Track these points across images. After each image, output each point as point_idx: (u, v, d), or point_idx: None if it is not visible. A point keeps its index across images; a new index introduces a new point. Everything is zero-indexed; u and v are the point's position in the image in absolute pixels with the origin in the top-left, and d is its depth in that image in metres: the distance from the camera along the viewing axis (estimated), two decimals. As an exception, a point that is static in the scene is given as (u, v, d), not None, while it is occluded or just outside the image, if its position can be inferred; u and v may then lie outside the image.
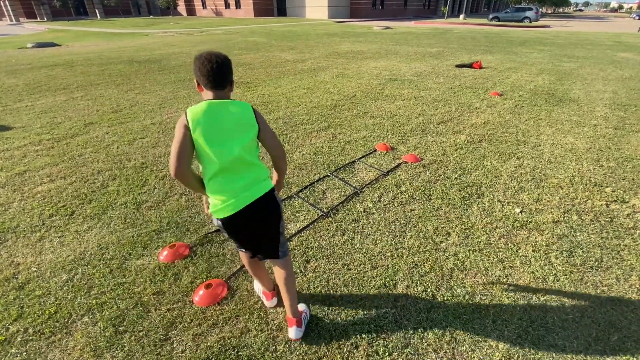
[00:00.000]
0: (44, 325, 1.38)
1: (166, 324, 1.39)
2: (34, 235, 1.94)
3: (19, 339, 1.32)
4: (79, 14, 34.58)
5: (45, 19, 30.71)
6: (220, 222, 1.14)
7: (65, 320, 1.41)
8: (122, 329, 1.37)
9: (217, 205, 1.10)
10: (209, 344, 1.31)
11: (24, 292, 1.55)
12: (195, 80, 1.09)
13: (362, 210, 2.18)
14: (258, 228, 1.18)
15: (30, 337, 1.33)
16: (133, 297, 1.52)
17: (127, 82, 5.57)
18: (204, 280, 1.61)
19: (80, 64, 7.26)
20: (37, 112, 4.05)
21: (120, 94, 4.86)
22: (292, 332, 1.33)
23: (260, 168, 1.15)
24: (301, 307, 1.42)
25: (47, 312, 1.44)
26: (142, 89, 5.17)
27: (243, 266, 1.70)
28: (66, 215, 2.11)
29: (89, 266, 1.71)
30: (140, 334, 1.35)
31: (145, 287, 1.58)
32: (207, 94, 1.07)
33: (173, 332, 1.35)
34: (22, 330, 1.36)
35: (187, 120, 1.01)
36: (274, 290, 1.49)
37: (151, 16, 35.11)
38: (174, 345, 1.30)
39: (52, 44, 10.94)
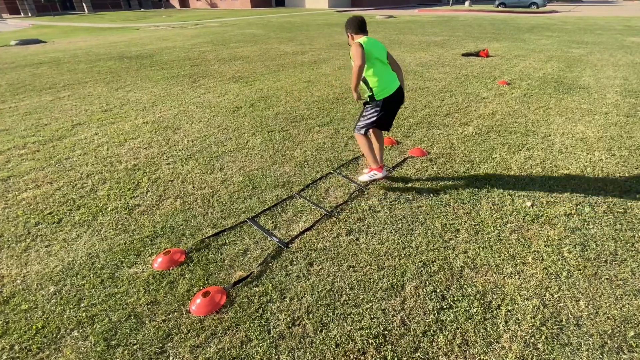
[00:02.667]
0: (30, 342, 1.31)
1: (161, 336, 1.32)
2: (19, 245, 1.85)
3: (4, 357, 1.26)
4: (66, 9, 33.63)
5: (30, 14, 29.87)
6: (383, 100, 2.02)
7: (54, 335, 1.34)
8: (115, 342, 1.30)
9: (385, 87, 1.99)
10: (207, 355, 1.25)
11: (9, 307, 1.47)
12: (348, 35, 2.03)
13: (368, 209, 2.10)
14: (398, 106, 2.11)
15: (17, 355, 1.26)
16: (126, 308, 1.45)
17: (117, 80, 5.41)
18: (202, 287, 1.54)
19: (67, 61, 7.05)
20: (21, 114, 3.91)
21: (110, 92, 4.71)
22: (384, 171, 2.25)
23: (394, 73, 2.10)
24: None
25: (34, 327, 1.37)
26: (134, 86, 5.02)
27: (246, 277, 1.61)
28: (53, 223, 2.02)
29: (78, 277, 1.63)
30: (134, 347, 1.29)
31: (138, 297, 1.50)
32: (362, 37, 1.95)
33: (169, 344, 1.29)
34: (8, 347, 1.29)
35: (361, 45, 1.87)
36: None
37: (142, 9, 34.29)
38: (170, 358, 1.25)
39: (37, 41, 10.60)
